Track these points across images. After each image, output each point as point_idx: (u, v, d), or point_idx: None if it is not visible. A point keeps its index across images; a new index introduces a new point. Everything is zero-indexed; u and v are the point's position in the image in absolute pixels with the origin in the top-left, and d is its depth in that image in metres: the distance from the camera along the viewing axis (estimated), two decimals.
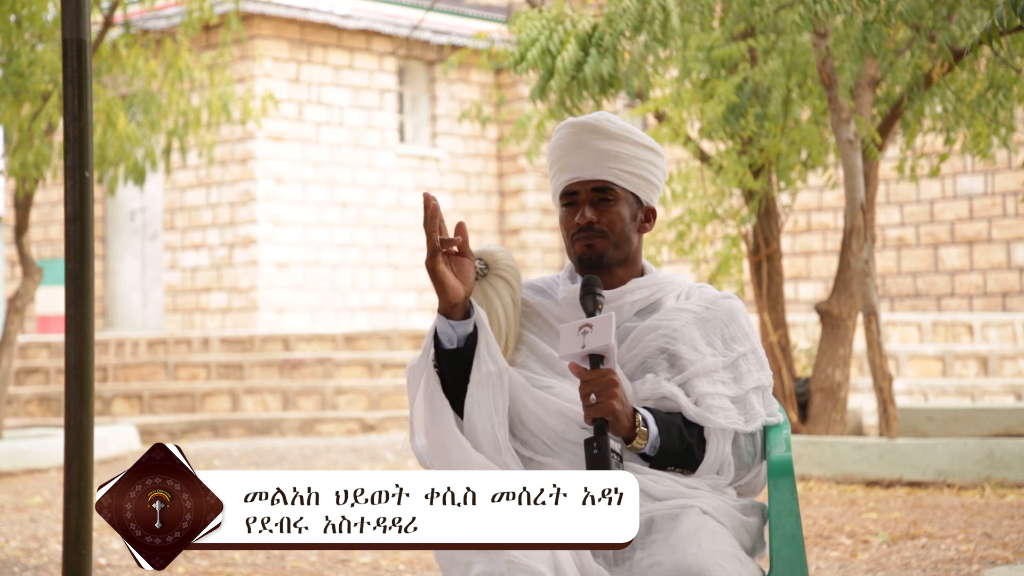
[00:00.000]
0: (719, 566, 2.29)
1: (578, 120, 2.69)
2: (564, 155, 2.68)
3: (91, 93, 3.24)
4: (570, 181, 2.67)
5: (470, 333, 2.52)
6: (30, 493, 8.39)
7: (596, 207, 2.65)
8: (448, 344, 2.53)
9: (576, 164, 2.66)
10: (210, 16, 10.27)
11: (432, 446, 2.55)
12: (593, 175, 2.65)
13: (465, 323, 2.52)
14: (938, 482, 7.48)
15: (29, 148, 9.39)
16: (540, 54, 7.47)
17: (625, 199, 2.67)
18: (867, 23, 7.13)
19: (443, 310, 2.50)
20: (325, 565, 5.63)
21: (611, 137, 2.66)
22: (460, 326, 2.51)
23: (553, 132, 2.76)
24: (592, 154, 2.65)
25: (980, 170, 14.68)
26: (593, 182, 2.65)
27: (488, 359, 2.51)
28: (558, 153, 2.69)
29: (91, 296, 3.22)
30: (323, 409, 13.11)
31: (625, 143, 2.66)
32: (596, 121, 2.67)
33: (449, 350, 2.53)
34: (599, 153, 2.65)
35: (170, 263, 17.24)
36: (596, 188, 2.65)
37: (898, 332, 12.49)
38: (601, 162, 2.65)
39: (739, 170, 8.61)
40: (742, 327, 2.68)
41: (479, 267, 2.65)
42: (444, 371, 2.54)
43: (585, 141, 2.66)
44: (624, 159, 2.66)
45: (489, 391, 2.51)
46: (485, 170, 18.78)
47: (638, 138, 2.68)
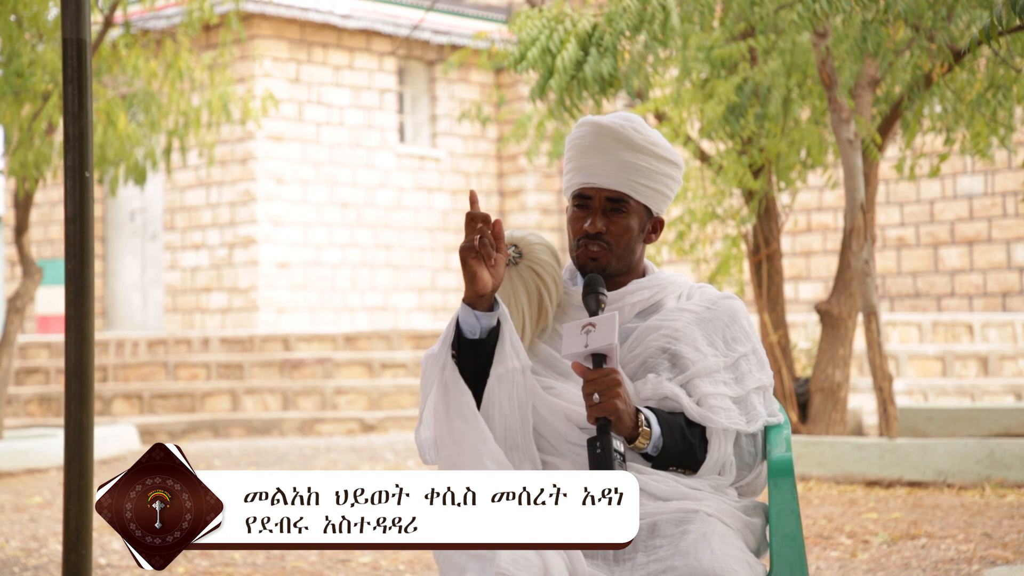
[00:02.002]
0: (734, 570, 2.29)
1: (603, 122, 2.64)
2: (583, 156, 2.64)
3: (91, 93, 3.24)
4: (585, 185, 2.64)
5: (493, 327, 2.50)
6: (30, 493, 8.39)
7: (607, 216, 2.63)
8: (470, 334, 2.50)
9: (594, 169, 2.62)
10: (210, 16, 10.26)
11: (441, 438, 2.50)
12: (610, 184, 2.62)
13: (490, 315, 2.49)
14: (938, 482, 7.48)
15: (29, 148, 9.39)
16: (540, 53, 7.47)
17: (637, 211, 2.65)
18: (866, 23, 7.13)
19: (468, 299, 2.47)
20: (325, 565, 5.63)
21: (635, 149, 2.62)
22: (484, 318, 2.49)
23: (575, 126, 2.69)
24: (613, 163, 2.62)
25: (980, 170, 14.67)
26: (609, 191, 2.63)
27: (512, 355, 2.48)
28: (577, 152, 2.65)
29: (91, 296, 3.22)
30: (323, 409, 13.11)
31: (648, 156, 2.63)
32: (623, 129, 2.63)
33: (471, 340, 2.50)
34: (620, 164, 2.62)
35: (170, 263, 17.24)
36: (611, 198, 2.63)
37: (898, 332, 12.49)
38: (621, 173, 2.62)
39: (739, 170, 8.61)
40: (743, 327, 2.67)
41: (512, 254, 2.62)
42: (462, 362, 2.50)
43: (607, 147, 2.62)
44: (644, 172, 2.63)
45: (510, 387, 2.48)
46: (485, 170, 18.77)
47: (661, 151, 2.64)
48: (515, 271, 2.62)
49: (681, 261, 13.97)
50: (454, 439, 2.47)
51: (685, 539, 2.37)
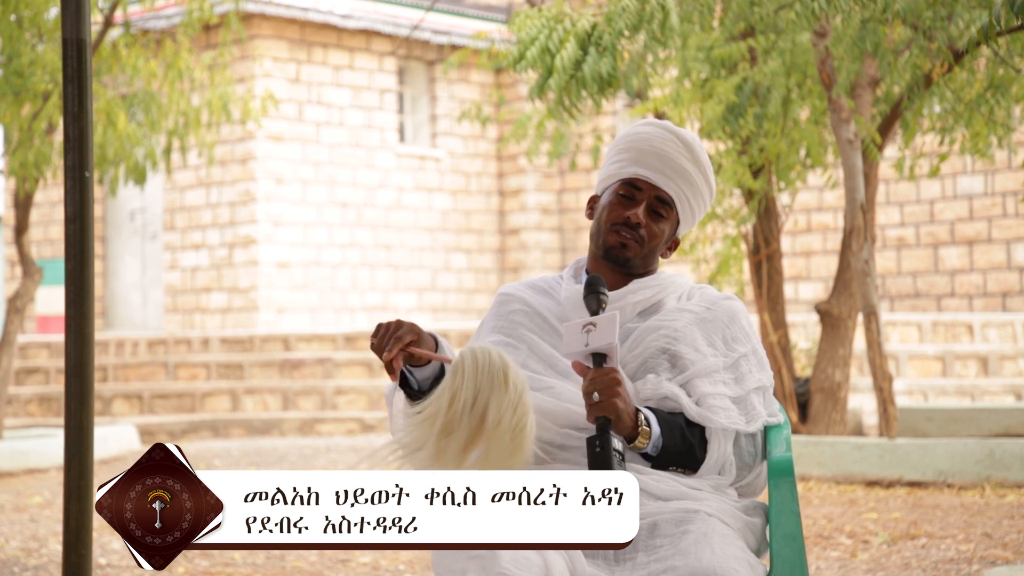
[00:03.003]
0: (734, 570, 2.29)
1: (674, 128, 2.70)
2: (647, 150, 2.67)
3: (91, 93, 3.24)
4: (642, 176, 2.67)
5: (437, 376, 2.48)
6: (30, 493, 8.39)
7: (649, 214, 2.67)
8: (419, 389, 2.49)
9: (656, 166, 2.66)
10: (210, 16, 10.26)
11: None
12: (665, 186, 2.66)
13: (422, 369, 2.48)
14: (938, 482, 7.48)
15: (29, 148, 9.39)
16: (539, 53, 7.47)
17: (671, 221, 2.69)
18: (864, 22, 7.13)
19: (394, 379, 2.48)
20: (325, 565, 5.63)
21: (696, 163, 2.68)
22: (419, 372, 2.49)
23: (638, 123, 2.71)
24: (674, 167, 2.66)
25: (980, 170, 14.67)
26: (662, 192, 2.67)
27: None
28: (639, 145, 2.68)
29: (91, 296, 3.22)
30: (323, 409, 13.11)
31: (702, 176, 2.69)
32: (693, 141, 2.69)
33: (418, 391, 2.49)
34: (680, 171, 2.66)
35: (170, 263, 17.24)
36: (661, 198, 2.67)
37: (898, 332, 12.49)
38: (678, 179, 2.66)
39: (738, 170, 8.61)
40: (743, 328, 2.68)
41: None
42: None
43: (674, 152, 2.66)
44: (695, 188, 2.69)
45: None
46: (485, 170, 18.77)
47: (711, 177, 2.71)
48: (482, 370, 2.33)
49: (681, 261, 13.97)
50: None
51: (685, 539, 2.37)
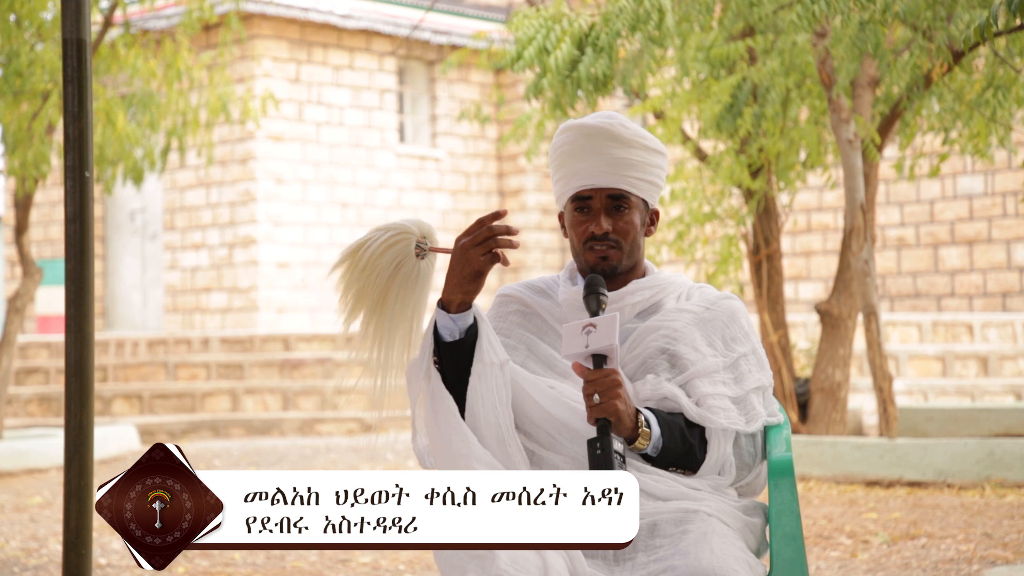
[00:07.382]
0: (734, 570, 2.29)
1: (588, 123, 2.63)
2: (575, 160, 2.63)
3: (91, 93, 3.24)
4: (584, 187, 2.62)
5: (470, 325, 2.51)
6: (30, 493, 8.39)
7: (610, 215, 2.62)
8: (449, 337, 2.51)
9: (590, 171, 2.61)
10: (210, 16, 10.26)
11: (434, 443, 2.51)
12: (609, 183, 2.61)
13: (464, 315, 2.50)
14: (938, 482, 7.48)
15: (29, 148, 9.38)
16: (536, 53, 7.47)
17: (637, 206, 2.64)
18: (863, 23, 7.13)
19: (445, 301, 2.49)
20: (325, 565, 5.63)
21: (625, 144, 2.62)
22: (460, 318, 2.50)
23: (557, 133, 2.67)
24: (606, 161, 2.61)
25: (980, 170, 14.67)
26: (609, 190, 2.62)
27: (490, 350, 2.49)
28: (566, 158, 2.64)
29: (91, 296, 3.22)
30: (323, 409, 13.11)
31: (639, 149, 2.63)
32: (610, 126, 2.62)
33: (450, 343, 2.51)
34: (614, 161, 2.61)
35: (170, 263, 17.24)
36: (611, 195, 2.62)
37: (898, 332, 12.49)
38: (617, 170, 2.61)
39: (737, 169, 8.61)
40: (742, 327, 2.67)
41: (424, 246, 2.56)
42: (444, 366, 2.52)
43: (599, 147, 2.61)
44: (638, 166, 2.63)
45: (492, 381, 2.48)
46: (485, 170, 18.77)
47: (649, 143, 2.65)
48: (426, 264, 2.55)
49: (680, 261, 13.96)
50: (443, 445, 2.48)
51: (685, 539, 2.37)
